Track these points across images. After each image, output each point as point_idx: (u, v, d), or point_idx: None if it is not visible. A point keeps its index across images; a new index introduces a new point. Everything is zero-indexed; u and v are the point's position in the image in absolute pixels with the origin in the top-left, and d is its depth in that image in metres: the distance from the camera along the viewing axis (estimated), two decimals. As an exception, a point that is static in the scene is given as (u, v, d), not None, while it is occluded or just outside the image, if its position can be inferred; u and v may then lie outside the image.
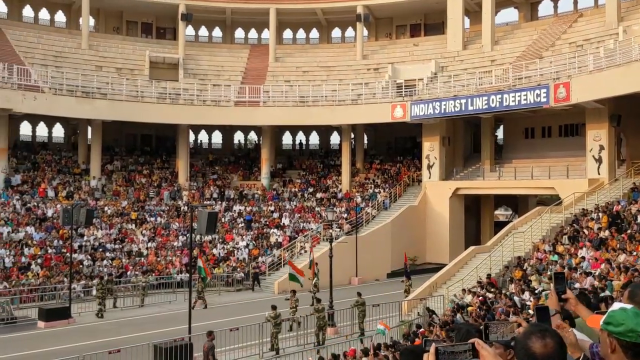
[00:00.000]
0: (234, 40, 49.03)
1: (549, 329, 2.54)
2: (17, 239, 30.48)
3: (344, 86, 40.31)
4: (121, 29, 46.17)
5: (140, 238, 34.26)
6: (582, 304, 3.38)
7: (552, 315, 3.00)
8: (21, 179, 35.84)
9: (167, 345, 16.47)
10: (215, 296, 29.44)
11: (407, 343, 14.37)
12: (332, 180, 42.02)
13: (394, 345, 14.05)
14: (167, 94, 39.45)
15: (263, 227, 36.79)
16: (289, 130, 48.50)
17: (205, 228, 18.93)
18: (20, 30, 41.18)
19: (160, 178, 40.84)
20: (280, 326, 18.82)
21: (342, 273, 31.28)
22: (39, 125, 43.71)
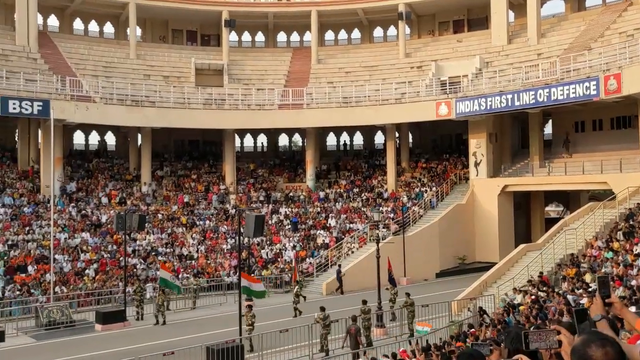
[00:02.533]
0: (277, 44, 49.48)
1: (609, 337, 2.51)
2: (73, 244, 31.60)
3: (387, 85, 40.15)
4: (167, 38, 47.24)
5: (190, 241, 34.99)
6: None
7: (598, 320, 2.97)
8: (76, 186, 37.12)
9: (219, 347, 16.80)
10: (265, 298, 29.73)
11: (456, 344, 14.23)
12: (377, 180, 41.91)
13: (443, 346, 13.94)
14: (212, 100, 40.18)
15: (309, 229, 37.00)
16: (333, 132, 48.60)
17: (253, 231, 19.20)
18: (72, 42, 42.65)
19: (208, 182, 41.60)
20: (330, 327, 18.90)
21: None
22: (92, 134, 45.21)
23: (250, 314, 19.78)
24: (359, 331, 18.40)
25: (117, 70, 41.20)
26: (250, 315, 19.73)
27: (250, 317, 19.68)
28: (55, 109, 32.34)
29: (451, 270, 35.22)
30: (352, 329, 18.30)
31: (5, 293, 26.15)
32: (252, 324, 19.53)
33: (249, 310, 19.90)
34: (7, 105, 31.99)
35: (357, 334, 18.18)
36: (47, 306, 24.46)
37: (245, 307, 19.93)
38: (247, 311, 19.80)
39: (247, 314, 19.69)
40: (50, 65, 38.18)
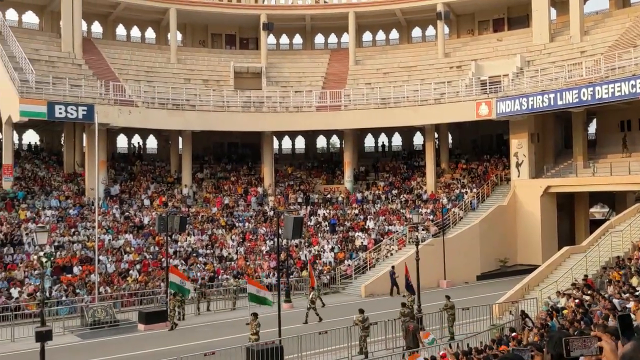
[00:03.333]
0: (314, 46, 49.64)
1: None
2: (117, 245, 32.33)
3: (426, 86, 39.82)
4: (207, 42, 47.92)
5: (230, 243, 35.38)
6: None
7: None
8: (119, 189, 37.98)
9: (258, 348, 16.92)
10: (303, 300, 29.85)
11: (499, 348, 14.00)
12: (416, 181, 41.58)
13: (484, 350, 13.73)
14: (251, 103, 40.58)
15: (348, 231, 36.96)
16: (371, 133, 48.47)
17: (292, 233, 19.33)
18: (115, 48, 43.69)
19: (246, 184, 42.00)
20: (369, 330, 18.83)
21: (430, 276, 30.79)
22: (134, 138, 46.23)
23: (255, 322, 18.71)
24: (417, 329, 18.47)
25: (159, 74, 42.00)
26: (255, 324, 18.68)
27: (255, 325, 18.65)
28: (99, 113, 33.17)
29: (492, 273, 34.67)
30: (410, 326, 18.48)
31: (52, 293, 26.91)
32: (257, 332, 18.56)
33: (254, 318, 18.80)
34: (53, 110, 32.96)
35: (415, 331, 18.27)
36: (92, 306, 25.09)
37: (250, 315, 19.05)
38: (252, 319, 18.79)
39: (252, 322, 18.71)
40: (95, 70, 39.17)
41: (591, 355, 2.88)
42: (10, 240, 30.14)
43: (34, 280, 27.37)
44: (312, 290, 25.39)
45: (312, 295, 24.81)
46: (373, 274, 32.22)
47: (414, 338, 18.13)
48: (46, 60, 38.34)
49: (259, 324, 18.67)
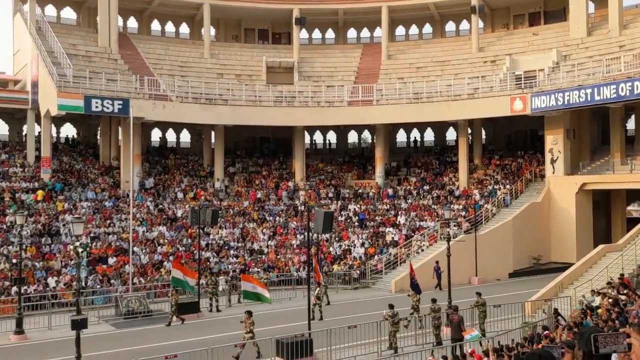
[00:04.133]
0: (347, 40, 49.51)
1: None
2: (151, 237, 32.89)
3: (459, 80, 39.38)
4: (240, 37, 48.23)
5: (261, 236, 35.65)
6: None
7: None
8: (154, 182, 38.59)
9: (288, 341, 17.04)
10: (333, 294, 29.95)
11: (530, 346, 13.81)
12: (448, 177, 41.21)
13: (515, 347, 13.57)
14: (283, 97, 40.74)
15: (378, 226, 36.86)
16: (403, 128, 48.19)
17: (322, 227, 19.34)
18: (150, 43, 44.31)
19: (278, 179, 42.23)
20: (399, 325, 18.79)
21: (461, 273, 30.57)
22: (168, 132, 46.89)
23: (249, 320, 18.29)
24: (462, 320, 18.54)
25: (192, 69, 42.47)
26: (250, 323, 18.25)
27: (250, 324, 18.23)
28: (134, 107, 33.73)
29: (525, 271, 34.19)
30: (454, 317, 18.54)
31: (88, 283, 27.54)
32: (251, 331, 18.17)
33: (249, 316, 18.39)
34: (90, 104, 33.63)
35: (460, 322, 18.35)
36: (126, 296, 25.59)
37: (245, 314, 18.64)
38: (247, 318, 18.39)
39: (246, 320, 18.32)
40: (130, 65, 39.81)
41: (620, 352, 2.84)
42: (48, 230, 30.94)
43: (71, 270, 28.05)
44: (318, 286, 24.58)
45: (318, 292, 24.21)
46: (403, 269, 32.05)
47: (458, 329, 18.36)
48: (83, 55, 39.12)
49: (253, 323, 18.23)
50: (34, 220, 31.10)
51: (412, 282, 22.04)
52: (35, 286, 26.70)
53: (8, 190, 33.29)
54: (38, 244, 29.86)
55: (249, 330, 18.07)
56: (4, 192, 33.01)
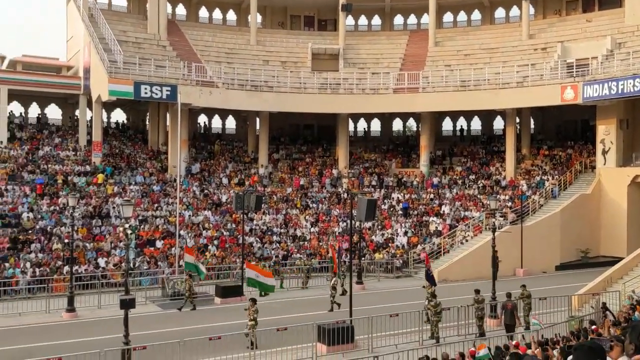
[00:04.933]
0: (393, 27, 49.03)
1: None
2: (196, 221, 33.51)
3: (508, 68, 38.53)
4: (286, 24, 48.34)
5: (304, 223, 35.86)
6: None
7: None
8: (200, 167, 39.25)
9: (330, 327, 17.15)
10: (375, 282, 29.98)
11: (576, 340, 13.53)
12: (495, 167, 40.50)
13: (561, 341, 13.32)
14: (327, 84, 40.68)
15: (422, 215, 36.58)
16: (449, 116, 47.56)
17: (365, 215, 19.31)
18: (197, 30, 44.88)
19: (321, 166, 42.32)
20: (441, 315, 18.68)
21: (506, 264, 30.03)
22: (214, 118, 47.55)
23: (253, 308, 17.89)
24: (515, 307, 18.55)
25: (238, 56, 42.83)
26: (253, 310, 17.86)
27: (253, 312, 17.84)
28: (182, 93, 34.30)
29: (572, 264, 33.43)
30: (508, 304, 18.61)
31: (136, 264, 28.31)
32: (254, 319, 17.78)
33: (252, 304, 18.02)
34: (139, 90, 34.34)
35: (514, 309, 18.39)
36: (172, 278, 26.21)
37: (248, 301, 18.36)
38: (250, 305, 18.03)
39: (250, 308, 17.94)
40: (178, 52, 40.44)
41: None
42: (99, 212, 31.90)
43: (120, 252, 28.88)
44: (334, 276, 24.17)
45: (334, 282, 23.70)
46: (447, 259, 31.82)
47: (512, 316, 18.44)
48: (133, 41, 39.92)
49: (257, 311, 17.89)
50: (85, 202, 32.10)
51: (428, 273, 21.14)
52: (86, 266, 27.61)
53: (61, 173, 34.42)
54: (89, 225, 30.83)
55: (252, 318, 17.73)
56: (57, 174, 34.15)
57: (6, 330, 20.37)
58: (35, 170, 34.13)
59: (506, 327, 18.70)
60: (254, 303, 17.98)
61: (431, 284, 20.56)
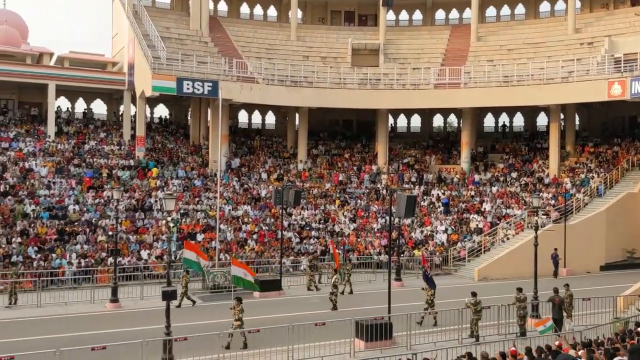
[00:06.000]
0: (434, 22, 48.48)
1: None
2: (236, 216, 33.90)
3: (553, 63, 37.65)
4: (326, 19, 48.32)
5: (342, 219, 35.86)
6: None
7: None
8: (239, 162, 39.66)
9: (368, 323, 17.14)
10: (414, 279, 29.79)
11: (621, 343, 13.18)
12: (538, 164, 39.69)
13: (606, 343, 13.00)
14: (367, 80, 40.52)
15: (462, 212, 36.14)
16: (491, 112, 46.82)
17: (404, 211, 19.18)
18: (239, 26, 45.28)
19: (360, 162, 42.22)
20: (481, 313, 18.44)
21: (548, 263, 29.58)
22: (254, 113, 47.94)
23: (238, 308, 17.23)
24: (562, 302, 18.54)
25: (279, 52, 43.04)
26: (239, 310, 17.23)
27: (239, 311, 17.22)
28: (223, 89, 34.69)
29: (618, 264, 32.56)
30: (555, 299, 18.54)
31: (177, 257, 28.81)
32: (240, 319, 17.18)
33: (238, 303, 17.30)
34: (181, 85, 34.87)
35: (561, 304, 18.41)
36: (213, 271, 26.59)
37: (234, 300, 17.49)
38: (236, 304, 17.30)
39: (235, 307, 17.26)
40: (219, 48, 40.89)
41: None
42: (142, 206, 32.58)
43: (162, 244, 29.45)
44: (335, 273, 23.42)
45: (335, 279, 22.94)
46: (488, 257, 31.39)
47: (560, 310, 18.45)
48: (176, 38, 40.55)
49: (242, 310, 17.25)
50: (129, 195, 32.81)
51: (426, 275, 20.11)
52: (129, 258, 28.25)
53: (106, 167, 35.27)
54: (132, 218, 31.53)
55: (237, 317, 17.17)
56: (102, 168, 35.01)
57: (53, 318, 21.04)
58: (81, 164, 35.07)
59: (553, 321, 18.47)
60: (240, 302, 17.34)
61: (430, 286, 19.75)
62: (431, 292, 19.99)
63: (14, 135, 36.76)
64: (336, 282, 22.76)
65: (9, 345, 16.40)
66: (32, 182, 32.05)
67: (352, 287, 26.10)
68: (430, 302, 20.04)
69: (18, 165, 33.29)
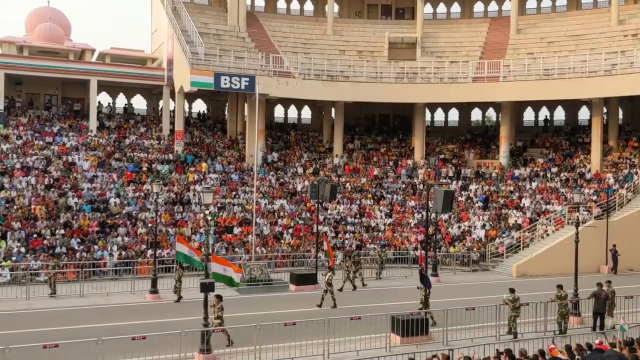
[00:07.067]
0: (473, 14, 47.81)
1: None
2: (272, 210, 34.14)
3: (595, 56, 36.71)
4: (362, 13, 48.14)
5: (378, 214, 35.75)
6: None
7: None
8: (276, 156, 39.90)
9: (404, 318, 17.07)
10: (451, 275, 29.56)
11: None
12: (579, 159, 38.80)
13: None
14: (404, 74, 40.22)
15: (501, 208, 35.60)
16: (531, 106, 45.95)
17: (442, 206, 19.06)
18: (275, 21, 45.48)
19: (396, 156, 41.98)
20: (519, 310, 18.16)
21: (589, 260, 28.90)
22: (290, 108, 48.13)
23: (218, 305, 16.52)
24: (608, 297, 18.44)
25: (315, 46, 43.07)
26: (218, 308, 16.52)
27: (218, 309, 16.50)
28: (260, 84, 34.88)
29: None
30: (602, 294, 18.48)
31: (215, 249, 29.18)
32: (219, 317, 16.49)
33: (218, 301, 16.57)
34: (219, 80, 35.24)
35: (606, 299, 18.35)
36: (249, 264, 26.85)
37: (214, 298, 16.63)
38: (216, 302, 16.57)
39: (215, 305, 16.54)
40: (256, 43, 41.16)
41: None
42: (180, 199, 33.09)
43: (199, 237, 29.88)
44: (329, 271, 22.59)
45: (329, 277, 22.00)
46: (527, 253, 30.90)
47: (604, 305, 18.40)
48: (214, 33, 40.97)
49: (222, 308, 16.57)
50: (168, 189, 33.37)
51: (421, 274, 18.92)
52: (169, 250, 28.73)
53: (145, 161, 35.93)
54: (171, 211, 32.06)
55: (217, 316, 16.49)
56: (141, 162, 35.67)
57: (95, 308, 21.59)
58: (121, 158, 35.81)
59: (594, 315, 18.70)
60: (220, 300, 16.64)
61: (425, 286, 18.81)
62: (426, 292, 18.99)
63: (58, 129, 37.76)
64: (330, 280, 21.94)
65: (53, 333, 16.91)
66: (75, 176, 32.90)
67: (355, 283, 25.56)
68: (425, 301, 19.06)
69: (62, 159, 34.20)
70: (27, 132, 36.32)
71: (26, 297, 22.64)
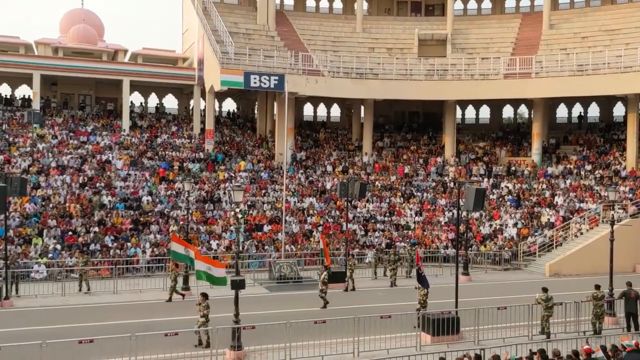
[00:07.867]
0: (504, 10, 47.16)
1: None
2: (301, 208, 34.24)
3: (631, 51, 35.85)
4: (392, 10, 47.89)
5: (408, 212, 35.56)
6: None
7: None
8: (305, 154, 39.99)
9: (435, 317, 16.96)
10: (482, 273, 29.25)
11: None
12: (614, 156, 37.97)
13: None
14: (434, 71, 39.89)
15: (533, 206, 35.07)
16: (564, 103, 45.12)
17: (473, 204, 18.81)
18: (305, 19, 45.56)
19: (426, 154, 41.68)
20: (552, 309, 17.88)
21: (625, 259, 28.25)
22: (319, 106, 48.16)
23: (203, 304, 16.38)
24: (639, 296, 18.19)
25: (344, 44, 43.02)
26: (204, 306, 16.35)
27: (204, 307, 16.33)
28: (289, 82, 35.03)
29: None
30: (632, 293, 18.23)
31: (245, 247, 29.44)
32: (205, 315, 16.30)
33: (203, 299, 16.46)
34: (249, 79, 35.46)
35: (637, 298, 18.09)
36: (279, 262, 27.03)
37: (199, 296, 16.67)
38: (201, 300, 16.49)
39: (201, 304, 16.44)
40: (286, 42, 41.29)
41: None
42: (211, 197, 33.43)
43: (230, 235, 30.14)
44: (325, 269, 22.36)
45: (324, 276, 21.65)
46: (560, 252, 30.40)
47: (635, 304, 18.13)
48: (243, 32, 41.24)
49: (207, 306, 16.34)
50: (198, 187, 33.74)
51: (419, 274, 18.11)
52: (200, 248, 29.01)
53: (177, 159, 36.39)
54: (202, 209, 32.41)
55: (203, 314, 16.34)
56: (173, 161, 36.14)
57: (128, 304, 21.97)
58: (153, 156, 36.33)
59: (627, 315, 18.37)
60: (205, 298, 16.51)
61: (423, 286, 18.28)
62: (424, 292, 18.57)
63: (92, 129, 38.49)
64: (325, 279, 21.64)
65: (88, 329, 17.26)
66: (108, 174, 33.50)
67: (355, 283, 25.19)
68: (423, 302, 18.58)
69: (96, 158, 34.85)
70: (62, 132, 37.13)
71: (62, 294, 23.15)
